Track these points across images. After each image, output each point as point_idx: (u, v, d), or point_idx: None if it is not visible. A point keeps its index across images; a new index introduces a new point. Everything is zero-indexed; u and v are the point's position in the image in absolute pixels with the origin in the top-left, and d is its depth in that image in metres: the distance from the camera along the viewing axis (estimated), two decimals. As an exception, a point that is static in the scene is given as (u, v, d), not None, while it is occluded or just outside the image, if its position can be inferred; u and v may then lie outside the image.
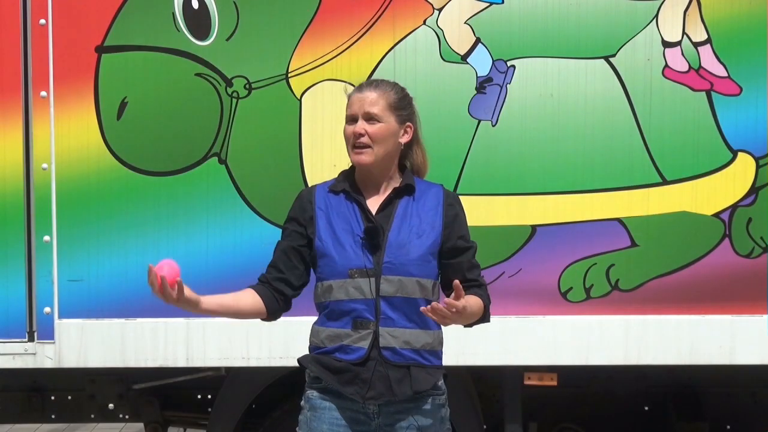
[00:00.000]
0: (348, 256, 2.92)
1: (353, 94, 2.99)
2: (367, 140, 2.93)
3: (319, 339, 2.99)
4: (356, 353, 2.92)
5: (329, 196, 3.02)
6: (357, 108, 2.95)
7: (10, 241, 4.12)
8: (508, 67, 4.08)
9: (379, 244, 2.92)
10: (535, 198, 4.12)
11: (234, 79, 4.09)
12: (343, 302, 2.93)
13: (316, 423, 2.98)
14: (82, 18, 4.08)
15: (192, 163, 4.12)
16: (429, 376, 2.97)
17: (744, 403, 4.70)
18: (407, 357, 2.93)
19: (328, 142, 4.05)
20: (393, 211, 2.98)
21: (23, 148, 4.11)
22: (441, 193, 3.05)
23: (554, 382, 4.41)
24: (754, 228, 4.13)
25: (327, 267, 2.96)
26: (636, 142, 4.10)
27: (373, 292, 2.90)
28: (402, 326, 2.92)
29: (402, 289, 2.91)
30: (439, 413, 3.03)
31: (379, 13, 4.07)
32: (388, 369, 2.92)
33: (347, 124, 2.98)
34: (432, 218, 2.99)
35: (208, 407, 4.69)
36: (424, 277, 2.94)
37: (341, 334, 2.93)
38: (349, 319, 2.93)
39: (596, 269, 4.13)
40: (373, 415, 2.96)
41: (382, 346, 2.91)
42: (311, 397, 3.01)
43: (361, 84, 3.06)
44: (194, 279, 4.12)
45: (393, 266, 2.91)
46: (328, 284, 2.95)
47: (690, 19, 4.07)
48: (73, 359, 4.18)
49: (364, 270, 2.91)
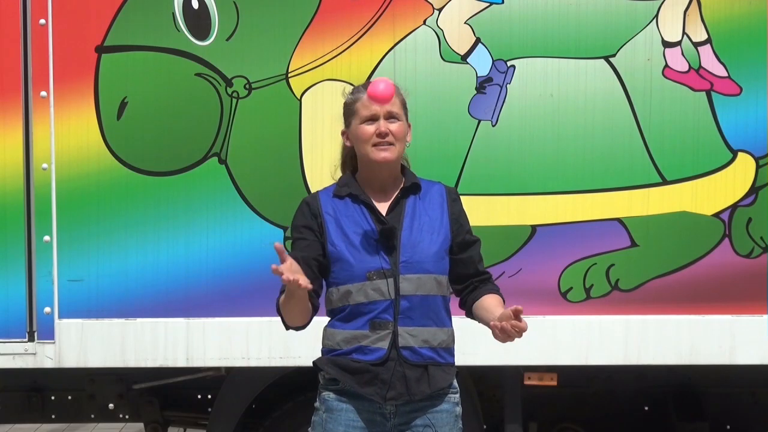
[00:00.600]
0: (364, 258, 2.92)
1: (364, 95, 2.96)
2: (391, 138, 2.94)
3: (335, 342, 2.98)
4: (375, 354, 2.91)
5: (334, 200, 3.00)
6: (378, 107, 2.94)
7: (10, 241, 4.12)
8: (508, 67, 4.08)
9: (394, 244, 2.93)
10: (535, 198, 4.12)
11: (234, 79, 4.10)
12: (363, 305, 2.92)
13: (332, 425, 2.98)
14: (82, 18, 4.08)
15: (192, 163, 4.12)
16: (445, 374, 2.99)
17: (744, 403, 4.70)
18: (425, 356, 2.94)
19: (328, 142, 4.05)
20: (402, 211, 2.98)
21: (23, 148, 4.11)
22: (443, 190, 3.07)
23: (554, 382, 4.42)
24: (754, 228, 4.13)
25: (343, 272, 2.94)
26: (636, 142, 4.10)
27: (392, 293, 2.90)
28: (420, 325, 2.93)
29: (421, 287, 2.92)
30: (454, 411, 3.04)
31: (379, 13, 4.07)
32: (406, 369, 2.92)
33: (365, 124, 2.95)
34: (440, 215, 3.01)
35: (208, 407, 4.69)
36: (440, 273, 2.97)
37: (358, 335, 2.93)
38: (366, 321, 2.92)
39: (596, 269, 4.13)
40: (389, 415, 2.96)
41: (401, 346, 2.91)
42: (327, 398, 3.00)
43: (366, 84, 3.02)
44: (194, 279, 4.16)
45: (410, 264, 2.92)
46: (346, 289, 2.94)
47: (690, 19, 4.07)
48: (73, 359, 4.18)
49: (382, 271, 2.90)
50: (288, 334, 4.09)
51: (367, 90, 2.90)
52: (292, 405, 4.46)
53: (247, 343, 4.16)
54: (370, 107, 2.95)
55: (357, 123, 2.97)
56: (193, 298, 4.15)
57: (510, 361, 4.21)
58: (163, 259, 4.14)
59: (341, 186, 3.03)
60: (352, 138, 3.01)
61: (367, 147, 2.95)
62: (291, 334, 4.08)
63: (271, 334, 4.13)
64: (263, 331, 4.13)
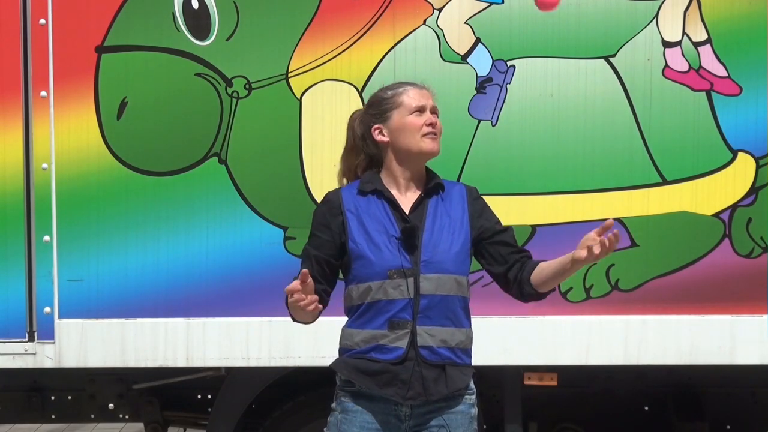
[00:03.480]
0: (385, 256, 2.92)
1: (410, 88, 3.02)
2: (437, 130, 3.00)
3: (353, 342, 2.97)
4: (394, 353, 2.91)
5: (357, 198, 3.00)
6: (425, 100, 3.00)
7: (10, 241, 4.12)
8: (508, 67, 4.08)
9: (416, 243, 2.93)
10: (535, 198, 4.12)
11: (234, 79, 4.09)
12: (382, 303, 2.92)
13: (347, 426, 2.97)
14: (82, 18, 4.08)
15: (192, 163, 4.12)
16: (463, 375, 2.99)
17: (744, 403, 4.70)
18: (443, 356, 2.94)
19: (328, 142, 4.05)
20: (425, 211, 2.99)
21: (23, 148, 4.11)
22: (464, 190, 3.09)
23: (554, 382, 4.41)
24: (754, 228, 4.13)
25: (364, 269, 2.94)
26: (636, 142, 4.10)
27: (411, 292, 2.90)
28: (439, 325, 2.93)
29: (441, 286, 2.92)
30: (469, 413, 3.03)
31: (379, 13, 4.07)
32: (424, 368, 2.92)
33: (412, 115, 2.98)
34: (460, 216, 3.02)
35: (208, 407, 4.68)
36: (460, 274, 2.97)
37: (377, 335, 2.92)
38: (384, 320, 2.92)
39: (596, 269, 4.13)
40: (405, 417, 2.95)
41: (420, 345, 2.91)
42: (343, 400, 3.00)
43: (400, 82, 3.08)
44: (194, 279, 4.16)
45: (431, 264, 2.92)
46: (366, 286, 2.93)
47: (690, 19, 4.07)
48: (73, 359, 4.18)
49: (402, 270, 2.90)
50: (288, 334, 4.12)
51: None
52: (292, 405, 4.46)
53: (247, 343, 4.15)
54: (418, 99, 2.99)
55: (404, 114, 2.99)
56: (193, 298, 4.14)
57: (510, 361, 4.21)
58: (163, 259, 4.13)
59: (365, 182, 3.02)
60: (393, 130, 3.00)
61: (416, 137, 2.97)
62: (291, 334, 4.11)
63: (271, 334, 4.13)
64: (263, 331, 4.13)
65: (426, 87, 3.06)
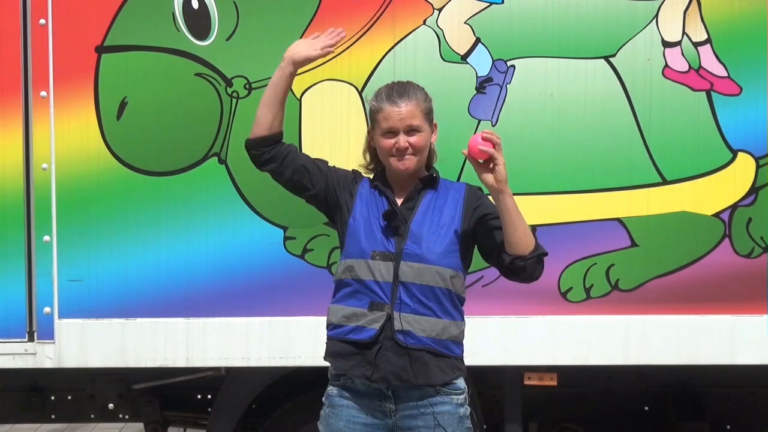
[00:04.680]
0: (373, 239, 3.06)
1: (386, 106, 3.06)
2: (411, 151, 3.07)
3: (338, 318, 3.08)
4: (366, 333, 3.01)
5: (369, 188, 3.18)
6: (397, 122, 3.05)
7: (10, 241, 4.12)
8: (508, 67, 4.08)
9: (399, 230, 3.05)
10: (535, 198, 4.12)
11: (234, 79, 4.09)
12: (363, 282, 3.02)
13: (334, 420, 3.10)
14: (82, 18, 4.08)
15: (192, 163, 4.12)
16: (441, 370, 3.03)
17: (744, 403, 4.70)
18: (424, 342, 3.00)
19: (328, 141, 4.05)
20: (417, 204, 3.11)
21: (23, 148, 4.11)
22: (463, 188, 3.19)
23: (554, 382, 4.41)
24: (754, 228, 4.12)
25: (352, 246, 3.08)
26: (636, 142, 4.10)
27: (391, 276, 3.00)
28: (417, 313, 3.00)
29: (420, 276, 3.01)
30: (457, 412, 3.08)
31: (379, 13, 4.07)
32: (393, 353, 2.99)
33: (384, 137, 3.08)
34: (452, 213, 3.10)
35: (208, 407, 4.69)
36: (444, 266, 3.03)
37: (358, 313, 3.03)
38: (366, 299, 3.02)
39: (596, 269, 4.13)
40: (390, 413, 3.03)
41: (396, 330, 2.99)
42: (331, 394, 3.12)
43: (389, 92, 3.10)
44: (194, 279, 4.16)
45: (413, 253, 3.02)
46: (350, 263, 3.07)
47: (690, 19, 4.07)
48: (73, 359, 4.18)
49: (386, 253, 3.03)
50: (288, 334, 4.11)
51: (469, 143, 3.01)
52: (292, 405, 4.46)
53: (247, 343, 4.16)
54: (389, 120, 3.05)
55: (378, 133, 3.10)
56: (193, 298, 4.15)
57: (510, 361, 4.21)
58: (163, 259, 4.13)
59: (373, 179, 3.21)
60: (374, 143, 3.16)
61: (386, 158, 3.10)
62: (291, 334, 4.11)
63: (271, 334, 4.13)
64: (263, 331, 4.13)
65: (405, 100, 3.07)
